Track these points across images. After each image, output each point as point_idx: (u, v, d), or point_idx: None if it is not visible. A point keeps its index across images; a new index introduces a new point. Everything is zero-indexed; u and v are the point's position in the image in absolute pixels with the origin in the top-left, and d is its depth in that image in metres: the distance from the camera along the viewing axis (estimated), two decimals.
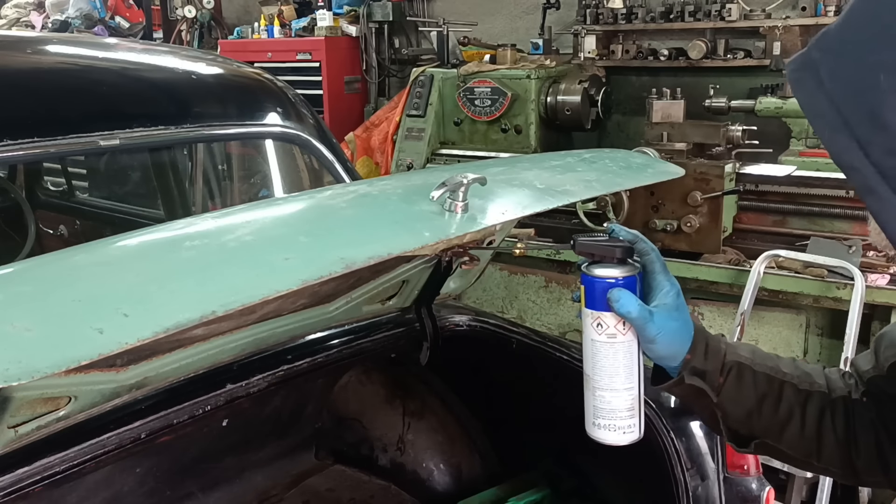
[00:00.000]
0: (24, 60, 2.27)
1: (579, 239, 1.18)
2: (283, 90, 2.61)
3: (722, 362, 1.15)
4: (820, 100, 0.73)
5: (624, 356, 1.14)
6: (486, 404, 2.49)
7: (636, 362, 1.16)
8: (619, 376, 1.15)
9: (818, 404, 1.14)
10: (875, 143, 0.68)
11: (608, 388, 1.15)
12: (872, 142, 0.68)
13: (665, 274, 1.16)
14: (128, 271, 1.19)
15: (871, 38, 0.70)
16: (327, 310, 1.98)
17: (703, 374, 1.14)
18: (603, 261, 1.15)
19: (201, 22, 6.58)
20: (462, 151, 4.58)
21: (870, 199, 0.71)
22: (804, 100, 0.75)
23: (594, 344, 1.15)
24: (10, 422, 1.45)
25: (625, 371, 1.15)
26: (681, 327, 1.13)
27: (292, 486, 2.45)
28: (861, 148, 0.69)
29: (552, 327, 3.84)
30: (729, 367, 1.15)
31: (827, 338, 3.29)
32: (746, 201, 3.68)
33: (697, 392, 1.15)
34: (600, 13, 4.55)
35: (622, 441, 1.18)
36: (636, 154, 2.40)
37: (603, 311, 1.13)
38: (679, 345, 1.14)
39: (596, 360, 1.15)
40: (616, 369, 1.14)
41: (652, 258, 1.16)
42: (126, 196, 3.56)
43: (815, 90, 0.73)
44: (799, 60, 0.77)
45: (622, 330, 1.13)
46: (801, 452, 1.16)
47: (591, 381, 1.17)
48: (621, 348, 1.14)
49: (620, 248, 1.15)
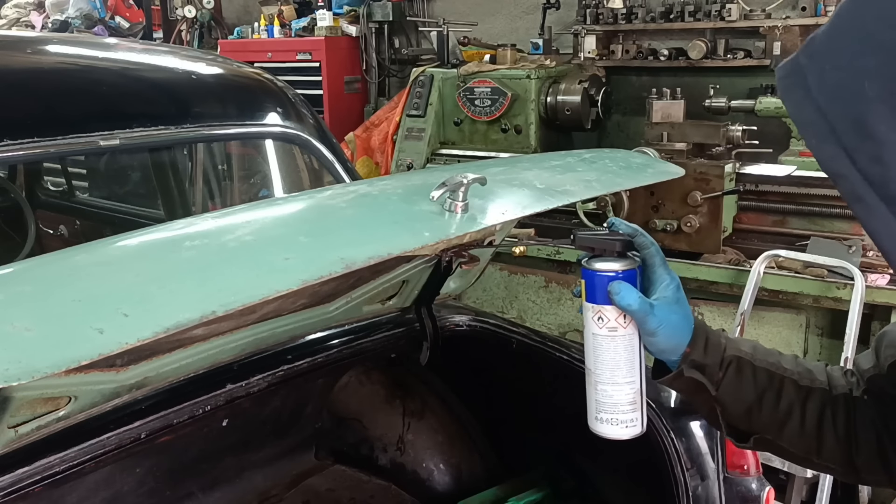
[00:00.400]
0: (24, 60, 2.27)
1: (579, 233, 1.19)
2: (283, 90, 2.61)
3: (722, 357, 1.15)
4: (807, 108, 0.72)
5: (625, 350, 1.14)
6: (486, 404, 2.49)
7: (637, 356, 1.16)
8: (620, 370, 1.15)
9: (819, 401, 1.13)
10: (861, 151, 0.68)
11: (610, 382, 1.15)
12: (859, 149, 0.68)
13: (665, 267, 1.16)
14: (128, 271, 1.19)
15: (855, 45, 0.69)
16: (327, 310, 1.98)
17: (702, 367, 1.14)
18: (603, 254, 1.15)
19: (201, 22, 6.58)
20: (462, 151, 4.58)
21: (857, 206, 0.70)
22: (792, 107, 0.75)
23: (595, 338, 1.15)
24: (10, 422, 1.45)
25: (626, 365, 1.15)
26: (681, 320, 1.14)
27: (292, 486, 2.45)
28: (848, 156, 0.69)
29: (552, 327, 3.84)
30: (729, 361, 1.15)
31: (827, 338, 3.29)
32: (746, 201, 3.68)
33: (697, 386, 1.15)
34: (600, 13, 4.54)
35: (625, 435, 1.18)
36: (636, 154, 2.40)
37: (604, 304, 1.13)
38: (679, 338, 1.14)
39: (597, 354, 1.16)
40: (617, 363, 1.15)
41: (652, 252, 1.16)
42: (126, 196, 3.57)
43: (802, 98, 0.73)
44: (788, 67, 0.76)
45: (623, 323, 1.14)
46: (800, 449, 1.15)
47: (592, 376, 1.17)
48: (622, 342, 1.14)
49: (620, 241, 1.15)
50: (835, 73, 0.70)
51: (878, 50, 0.67)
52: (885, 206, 0.68)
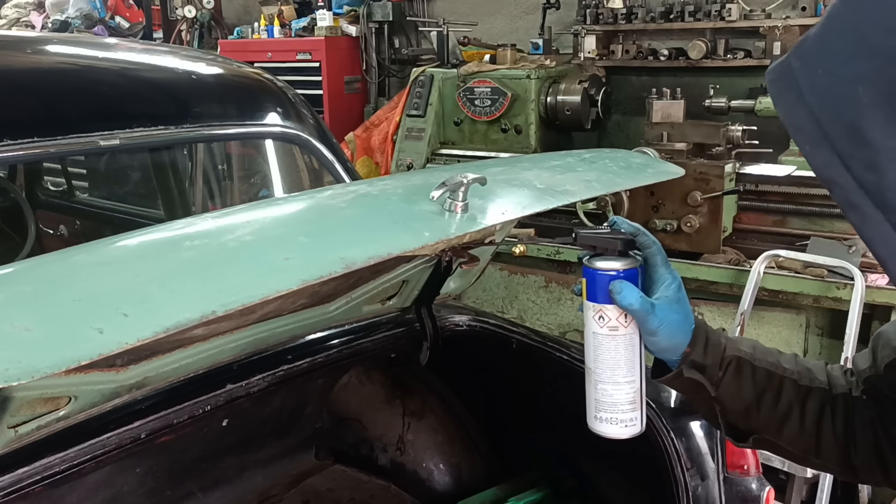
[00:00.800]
0: (24, 60, 2.27)
1: (580, 231, 1.19)
2: (283, 90, 2.61)
3: (721, 357, 1.15)
4: (800, 111, 0.71)
5: (626, 349, 1.14)
6: (486, 404, 2.49)
7: (638, 355, 1.16)
8: (620, 369, 1.15)
9: (818, 401, 1.13)
10: (856, 158, 0.66)
11: (610, 381, 1.15)
12: (853, 156, 0.66)
13: (666, 267, 1.16)
14: (128, 271, 1.19)
15: (848, 49, 0.67)
16: (327, 310, 1.98)
17: (702, 367, 1.14)
18: (604, 253, 1.15)
19: (201, 22, 6.58)
20: (462, 151, 4.58)
21: (853, 214, 0.69)
22: (784, 112, 0.73)
23: (596, 337, 1.15)
24: (10, 422, 1.45)
25: (626, 364, 1.15)
26: (682, 320, 1.14)
27: (292, 486, 2.45)
28: (842, 163, 0.67)
29: (552, 327, 3.83)
30: (728, 361, 1.15)
31: (827, 338, 3.29)
32: (746, 201, 3.68)
33: (696, 386, 1.15)
34: (600, 13, 4.54)
35: (624, 434, 1.17)
36: (636, 154, 2.40)
37: (605, 303, 1.13)
38: (680, 337, 1.14)
39: (598, 353, 1.15)
40: (618, 362, 1.15)
41: (653, 251, 1.16)
42: (126, 196, 3.57)
43: (794, 102, 0.71)
44: (778, 69, 0.74)
45: (624, 322, 1.14)
46: (799, 448, 1.16)
47: (592, 375, 1.17)
48: (623, 341, 1.14)
49: (622, 240, 1.15)
50: (827, 78, 0.68)
51: (872, 55, 0.65)
52: (880, 214, 0.67)
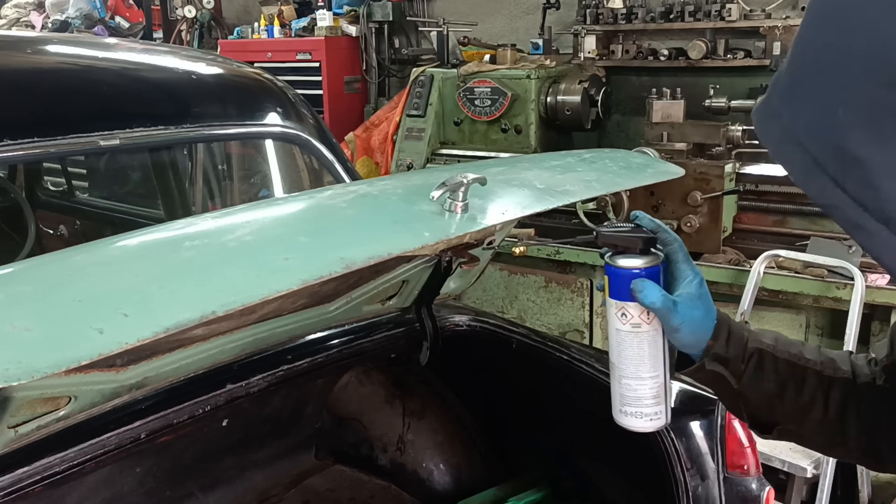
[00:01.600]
0: (24, 60, 2.27)
1: (602, 230, 1.19)
2: (283, 90, 2.61)
3: (744, 349, 1.15)
4: (786, 146, 0.71)
5: (649, 345, 1.15)
6: (486, 404, 2.49)
7: (661, 351, 1.16)
8: (644, 365, 1.15)
9: (842, 391, 1.13)
10: (850, 178, 0.67)
11: (634, 377, 1.16)
12: (847, 177, 0.67)
13: (688, 263, 1.16)
14: (128, 271, 1.19)
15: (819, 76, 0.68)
16: (327, 310, 1.98)
17: (724, 360, 1.14)
18: (626, 251, 1.16)
19: (201, 22, 6.58)
20: (462, 151, 4.58)
21: (859, 235, 0.68)
22: (773, 150, 0.74)
23: (619, 333, 1.16)
24: (10, 422, 1.45)
25: (650, 360, 1.15)
26: (704, 315, 1.14)
27: (292, 486, 2.45)
28: (838, 185, 0.68)
29: (552, 327, 3.83)
30: (751, 353, 1.15)
31: (827, 338, 3.29)
32: (746, 201, 3.68)
33: (719, 378, 1.15)
34: (600, 13, 4.54)
35: (649, 428, 1.19)
36: (636, 154, 2.40)
37: (627, 301, 1.14)
38: (702, 333, 1.14)
39: (621, 350, 1.16)
40: (641, 358, 1.15)
41: (675, 248, 1.16)
42: (126, 196, 3.57)
43: (781, 137, 0.72)
44: (762, 110, 0.75)
45: (646, 319, 1.14)
46: (824, 439, 1.16)
47: (616, 370, 1.17)
48: (646, 338, 1.15)
49: (643, 238, 1.15)
50: (806, 107, 0.69)
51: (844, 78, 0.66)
52: (885, 230, 0.67)
